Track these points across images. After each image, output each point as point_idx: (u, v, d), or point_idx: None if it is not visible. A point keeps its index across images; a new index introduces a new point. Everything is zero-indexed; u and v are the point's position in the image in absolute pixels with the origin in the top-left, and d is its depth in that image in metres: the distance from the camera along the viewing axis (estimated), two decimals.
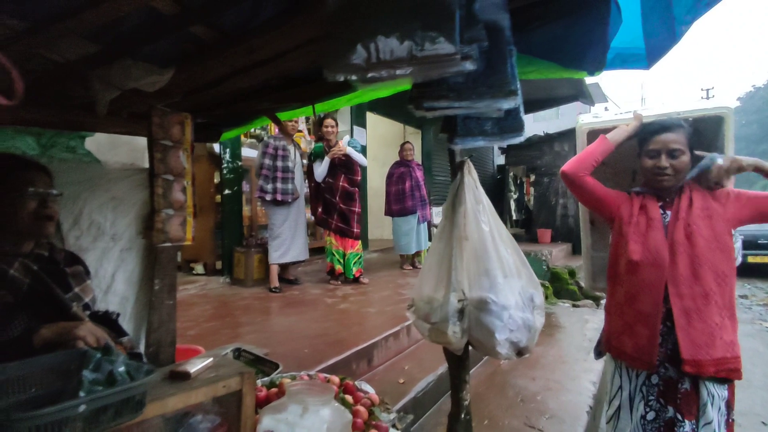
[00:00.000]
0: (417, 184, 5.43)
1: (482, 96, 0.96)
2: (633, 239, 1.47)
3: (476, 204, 1.28)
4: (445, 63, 0.75)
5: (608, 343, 1.57)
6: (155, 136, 1.41)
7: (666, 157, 1.47)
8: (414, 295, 1.39)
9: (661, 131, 1.49)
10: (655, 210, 1.49)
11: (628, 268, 1.46)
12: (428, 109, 1.01)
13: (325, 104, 1.91)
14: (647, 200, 1.52)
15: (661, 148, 1.47)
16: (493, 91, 0.95)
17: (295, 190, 4.20)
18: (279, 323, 3.24)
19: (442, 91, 0.96)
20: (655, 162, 1.48)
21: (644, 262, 1.43)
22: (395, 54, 0.74)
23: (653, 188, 1.53)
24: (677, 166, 1.47)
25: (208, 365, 1.09)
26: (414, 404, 2.40)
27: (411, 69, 0.76)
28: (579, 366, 3.33)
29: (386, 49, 0.75)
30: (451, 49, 0.73)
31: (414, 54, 0.73)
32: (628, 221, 1.51)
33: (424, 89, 0.98)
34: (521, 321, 1.20)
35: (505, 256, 1.27)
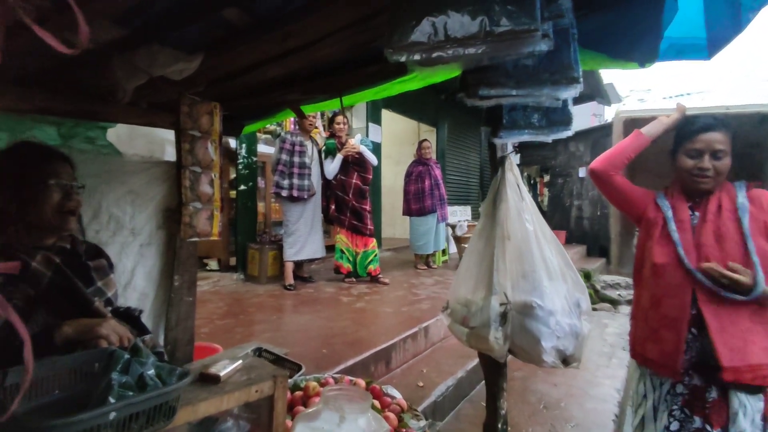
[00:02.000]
0: (436, 183, 5.36)
1: (543, 83, 0.88)
2: (658, 241, 1.40)
3: (519, 201, 1.21)
4: (524, 41, 0.67)
5: (633, 350, 1.51)
6: (183, 126, 1.35)
7: (709, 158, 1.36)
8: (450, 297, 1.32)
9: (706, 130, 1.38)
10: (684, 211, 1.41)
11: (653, 271, 1.39)
12: (483, 98, 0.94)
13: (352, 97, 1.84)
14: (676, 200, 1.44)
15: (705, 148, 1.37)
16: (555, 77, 0.87)
17: (311, 186, 4.15)
18: (294, 322, 3.19)
19: (499, 78, 0.89)
20: (697, 163, 1.38)
21: (670, 264, 1.36)
22: (466, 30, 0.67)
23: (687, 189, 1.44)
24: (720, 168, 1.37)
25: (238, 367, 1.03)
26: (433, 409, 2.33)
27: (484, 47, 0.69)
28: (601, 372, 3.23)
29: (455, 25, 0.67)
30: (531, 24, 0.66)
31: (489, 30, 0.66)
32: (654, 222, 1.43)
33: (479, 75, 0.90)
34: (568, 327, 1.12)
35: (549, 257, 1.19)
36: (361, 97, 1.87)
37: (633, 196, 1.51)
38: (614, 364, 3.39)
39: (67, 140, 1.66)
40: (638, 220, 1.52)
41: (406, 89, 1.93)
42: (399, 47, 0.73)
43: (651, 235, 1.42)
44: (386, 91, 1.88)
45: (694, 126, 1.41)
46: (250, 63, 1.41)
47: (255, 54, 1.36)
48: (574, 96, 0.96)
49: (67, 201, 1.22)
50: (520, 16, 0.65)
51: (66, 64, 1.38)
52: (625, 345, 3.84)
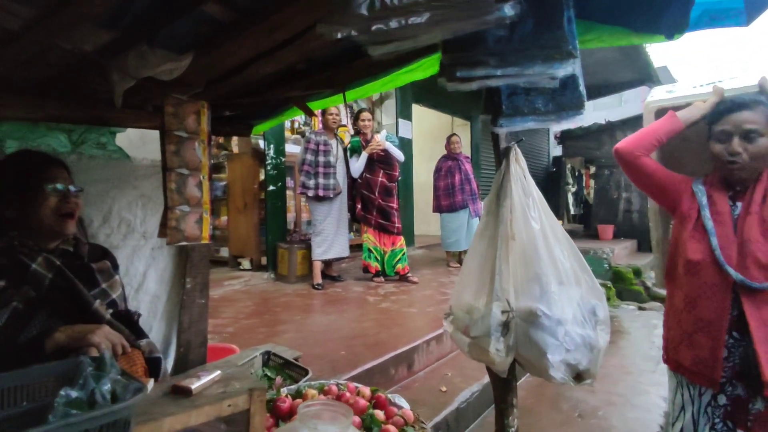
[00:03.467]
0: (467, 178, 5.20)
1: (533, 60, 0.76)
2: (692, 235, 1.28)
3: (525, 197, 1.08)
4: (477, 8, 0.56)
5: (666, 354, 1.40)
6: (168, 127, 1.32)
7: (740, 141, 1.23)
8: (452, 303, 1.21)
9: (734, 109, 1.25)
10: (723, 202, 1.28)
11: (687, 269, 1.27)
12: (463, 80, 0.83)
13: (357, 91, 1.76)
14: (714, 190, 1.31)
15: (734, 129, 1.24)
16: (547, 52, 0.75)
17: (337, 185, 4.11)
18: (317, 322, 3.16)
19: (479, 56, 0.77)
20: (726, 146, 1.25)
21: (706, 261, 1.24)
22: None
23: (725, 178, 1.31)
24: (753, 151, 1.22)
25: (215, 379, 0.98)
26: (456, 416, 2.22)
27: (428, 15, 0.58)
28: (646, 378, 2.98)
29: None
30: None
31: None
32: (688, 213, 1.31)
33: (457, 54, 0.79)
34: (580, 339, 0.99)
35: (560, 258, 1.05)
36: (366, 90, 1.79)
37: (665, 181, 1.36)
38: (661, 370, 3.09)
39: (78, 146, 1.69)
40: (673, 211, 1.38)
41: (412, 79, 1.83)
42: (333, 22, 0.64)
43: (685, 228, 1.30)
44: (393, 82, 1.79)
45: (721, 107, 1.29)
46: (242, 59, 1.37)
47: (246, 49, 1.31)
48: (571, 72, 0.82)
49: (65, 204, 1.24)
50: None
51: (72, 72, 1.39)
52: None
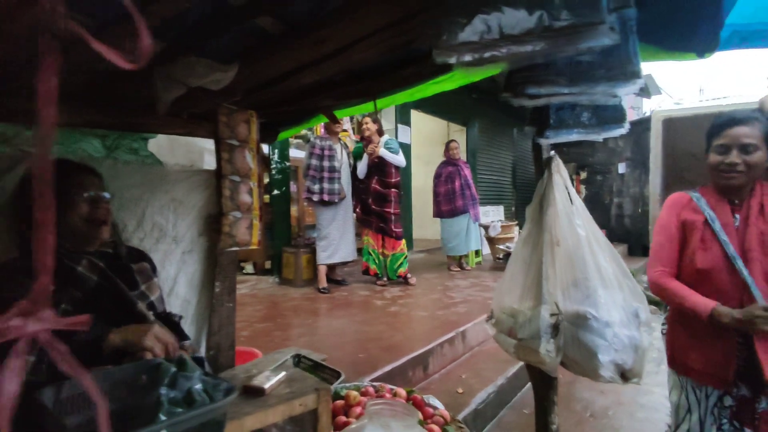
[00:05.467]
0: (467, 183, 5.29)
1: (598, 80, 0.82)
2: (700, 246, 1.34)
3: (568, 205, 1.14)
4: (585, 35, 0.62)
5: (672, 359, 1.46)
6: (222, 135, 1.36)
7: (738, 153, 1.31)
8: (494, 306, 1.26)
9: (731, 124, 1.33)
10: (726, 214, 1.35)
11: (697, 277, 1.34)
12: (531, 97, 0.88)
13: (386, 100, 1.81)
14: (716, 202, 1.38)
15: (732, 142, 1.32)
16: (612, 73, 0.81)
17: (341, 189, 4.15)
18: (330, 325, 3.19)
19: (550, 75, 0.83)
20: (724, 158, 1.33)
21: (715, 269, 1.31)
22: (522, 26, 0.62)
23: (721, 188, 1.38)
24: (751, 162, 1.31)
25: (281, 379, 1.02)
26: (474, 417, 2.27)
27: (542, 44, 0.64)
28: (650, 379, 3.06)
29: (510, 22, 0.63)
30: (596, 17, 0.60)
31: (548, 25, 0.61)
32: (692, 225, 1.38)
33: (527, 73, 0.85)
34: (627, 340, 1.05)
35: (603, 264, 1.12)
36: (395, 100, 1.84)
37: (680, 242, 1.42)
38: (664, 371, 3.19)
39: (112, 152, 1.71)
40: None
41: (441, 90, 1.88)
42: (447, 48, 0.69)
43: (692, 239, 1.37)
44: (421, 92, 1.84)
45: (718, 122, 1.36)
46: (285, 70, 1.41)
47: (289, 61, 1.36)
48: (635, 92, 0.89)
49: (95, 211, 1.25)
50: (582, 9, 0.60)
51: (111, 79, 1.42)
52: None
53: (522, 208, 9.30)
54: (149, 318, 1.27)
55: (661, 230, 1.45)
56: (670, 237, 1.41)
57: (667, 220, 1.44)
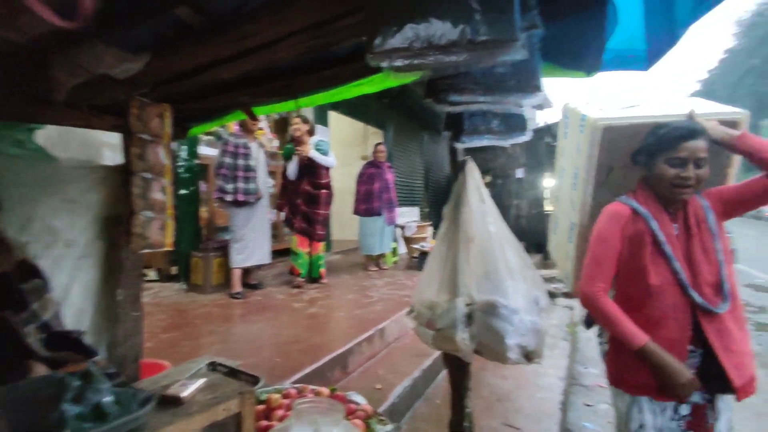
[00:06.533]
0: (386, 187, 5.41)
1: (509, 91, 0.92)
2: (652, 260, 1.31)
3: (481, 204, 1.25)
4: (503, 50, 0.69)
5: (619, 378, 1.39)
6: (133, 129, 1.25)
7: (693, 167, 1.30)
8: (414, 300, 1.33)
9: (689, 137, 1.30)
10: (668, 225, 1.34)
11: (649, 294, 1.31)
12: (452, 103, 0.96)
13: (307, 99, 1.80)
14: (657, 212, 1.36)
15: (689, 156, 1.29)
16: (521, 85, 0.91)
17: (258, 189, 4.01)
18: (245, 331, 3.07)
19: (469, 84, 0.91)
20: (680, 172, 1.30)
21: (666, 283, 1.29)
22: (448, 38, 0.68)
23: (663, 198, 1.37)
24: (701, 176, 1.31)
25: (200, 386, 0.97)
26: (392, 410, 2.34)
27: (465, 55, 0.70)
28: (546, 362, 3.37)
29: (437, 33, 0.68)
30: (511, 34, 0.68)
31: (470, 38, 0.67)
32: (640, 238, 1.34)
33: (450, 81, 0.92)
34: (530, 324, 1.18)
35: (510, 258, 1.24)
36: (317, 100, 1.84)
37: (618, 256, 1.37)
38: (556, 354, 3.60)
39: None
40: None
41: (362, 92, 1.93)
42: (380, 52, 0.73)
43: (641, 254, 1.33)
44: (342, 94, 1.86)
45: (676, 133, 1.32)
46: (201, 64, 1.34)
47: (207, 55, 1.30)
48: (537, 103, 1.01)
49: None
50: (500, 26, 0.68)
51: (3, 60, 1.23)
52: (565, 335, 4.08)
53: (434, 209, 9.76)
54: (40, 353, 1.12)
55: (600, 243, 1.37)
56: (610, 251, 1.35)
57: (609, 233, 1.36)
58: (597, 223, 1.42)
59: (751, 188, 1.36)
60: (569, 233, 1.73)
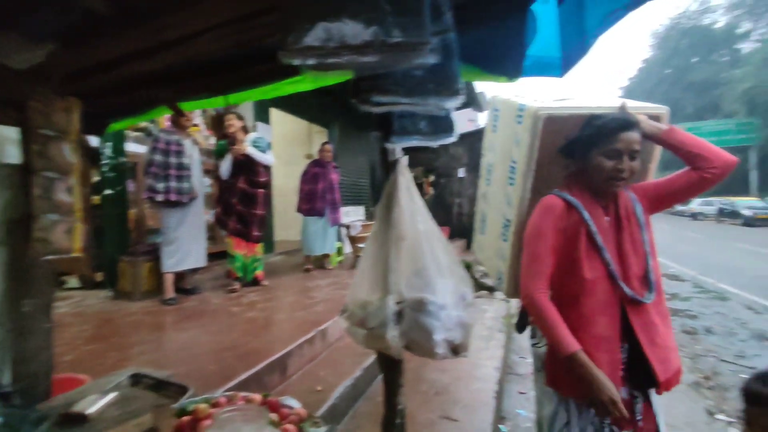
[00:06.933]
0: (330, 187, 5.35)
1: (429, 93, 0.94)
2: (587, 254, 1.30)
3: (411, 203, 1.27)
4: (414, 53, 0.70)
5: (554, 380, 1.37)
6: (33, 124, 1.14)
7: (627, 159, 1.29)
8: (348, 301, 1.33)
9: (626, 128, 1.29)
10: (601, 217, 1.34)
11: (582, 289, 1.29)
12: (375, 104, 0.96)
13: (239, 95, 1.75)
14: (590, 205, 1.35)
15: (625, 148, 1.28)
16: (440, 88, 0.94)
17: (192, 189, 3.82)
18: (177, 339, 2.92)
19: (391, 86, 0.92)
20: (616, 164, 1.29)
21: (599, 277, 1.29)
22: (360, 38, 0.68)
23: (597, 191, 1.36)
24: (635, 169, 1.32)
25: (110, 401, 0.90)
26: (332, 411, 2.33)
27: (378, 56, 0.70)
28: (482, 354, 3.55)
29: (350, 33, 0.68)
30: (422, 37, 0.69)
31: (383, 39, 0.68)
32: (576, 231, 1.32)
33: (373, 82, 0.92)
34: (457, 319, 1.21)
35: (439, 255, 1.27)
36: (248, 96, 1.79)
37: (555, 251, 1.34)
38: (493, 346, 3.75)
39: None
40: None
41: (297, 90, 1.89)
42: (293, 50, 0.72)
43: (575, 247, 1.31)
44: (276, 91, 1.82)
45: (612, 125, 1.30)
46: (117, 56, 1.26)
47: (123, 46, 1.22)
48: (456, 106, 1.04)
49: None
50: (411, 29, 0.69)
51: None
52: (501, 327, 4.27)
53: None
54: None
55: (536, 239, 1.34)
56: (547, 247, 1.32)
57: (543, 228, 1.33)
58: (531, 218, 1.39)
59: (677, 182, 1.39)
60: (503, 231, 1.66)
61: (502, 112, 1.69)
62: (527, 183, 1.51)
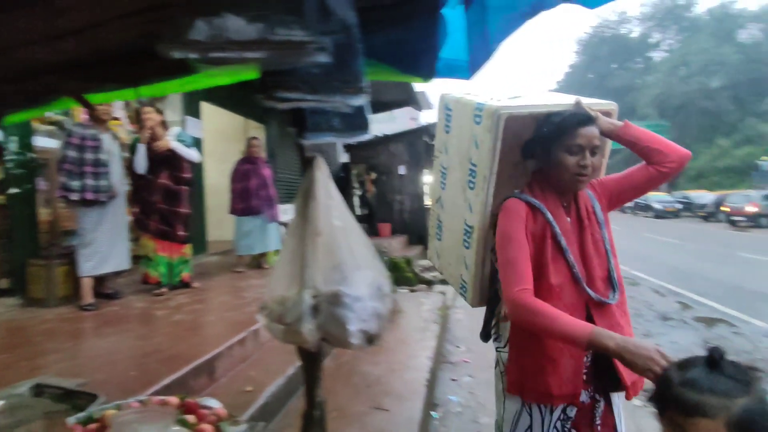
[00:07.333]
0: (263, 183, 5.17)
1: (334, 91, 0.96)
2: (553, 258, 1.26)
3: (328, 199, 1.29)
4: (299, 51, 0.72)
5: (520, 385, 1.31)
6: None
7: (589, 155, 1.26)
8: (266, 297, 1.33)
9: (585, 123, 1.26)
10: (563, 219, 1.31)
11: (549, 294, 1.23)
12: (280, 100, 0.97)
13: (153, 88, 1.67)
14: (552, 205, 1.31)
15: (586, 143, 1.25)
16: (345, 86, 0.96)
17: (111, 187, 3.58)
18: (96, 346, 2.74)
19: (297, 83, 0.93)
20: (579, 160, 1.25)
21: (565, 282, 1.26)
22: (244, 35, 0.69)
23: (560, 189, 1.33)
24: (597, 165, 1.30)
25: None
26: (263, 410, 2.31)
27: (262, 53, 0.71)
28: (418, 345, 3.66)
29: (234, 29, 0.68)
30: (304, 37, 0.71)
31: (266, 37, 0.69)
32: (542, 235, 1.28)
33: (278, 78, 0.93)
34: (372, 310, 1.25)
35: (356, 249, 1.30)
36: (163, 89, 1.72)
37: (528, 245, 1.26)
38: (428, 337, 3.88)
39: None
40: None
41: (216, 84, 1.85)
42: (176, 43, 0.71)
43: (542, 251, 1.26)
44: (193, 84, 1.77)
45: (574, 120, 1.26)
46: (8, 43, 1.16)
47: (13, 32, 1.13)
48: (362, 104, 1.08)
49: None
50: (295, 28, 0.71)
51: None
52: (436, 318, 4.42)
53: None
54: None
55: (509, 243, 1.26)
56: (522, 250, 1.24)
57: (516, 232, 1.26)
58: (499, 224, 1.31)
59: (635, 178, 1.38)
60: (465, 238, 1.54)
61: (455, 112, 1.59)
62: (490, 187, 1.42)
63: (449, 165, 1.65)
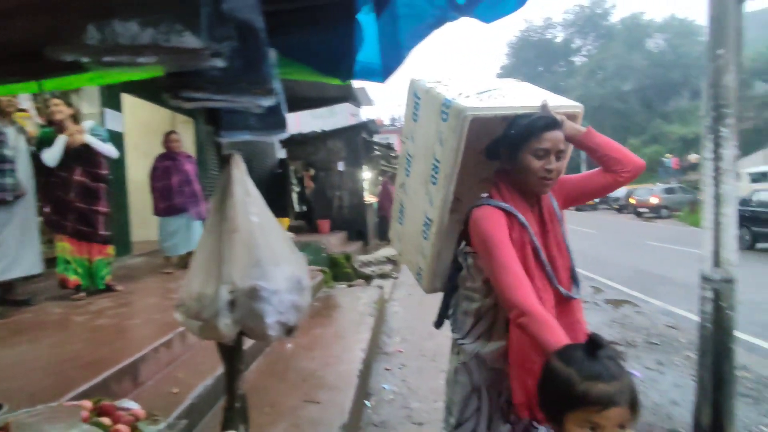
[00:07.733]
0: (186, 179, 4.87)
1: (242, 92, 1.00)
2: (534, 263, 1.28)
3: (245, 196, 1.32)
4: (193, 57, 0.75)
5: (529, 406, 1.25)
6: None
7: (554, 159, 1.27)
8: (183, 294, 1.33)
9: (552, 127, 1.26)
10: (533, 223, 1.32)
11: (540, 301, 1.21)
12: (187, 100, 0.99)
13: (59, 81, 1.60)
14: (523, 209, 1.31)
15: (552, 147, 1.26)
16: (253, 87, 1.00)
17: (17, 185, 3.30)
18: (5, 356, 2.53)
19: (203, 83, 0.95)
20: (544, 163, 1.25)
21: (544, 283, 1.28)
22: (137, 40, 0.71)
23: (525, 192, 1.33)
24: (561, 169, 1.30)
25: None
26: (190, 411, 2.27)
27: (157, 58, 0.74)
28: (353, 338, 3.74)
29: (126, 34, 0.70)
30: (197, 43, 0.74)
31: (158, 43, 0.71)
32: (521, 243, 1.28)
33: (183, 79, 0.95)
34: (290, 302, 1.31)
35: (274, 244, 1.35)
36: (69, 82, 1.65)
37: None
38: (363, 330, 3.98)
39: None
40: None
41: (130, 78, 1.80)
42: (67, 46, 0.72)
43: (523, 257, 1.26)
44: (105, 78, 1.72)
45: (539, 123, 1.27)
46: None
47: None
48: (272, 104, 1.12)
49: None
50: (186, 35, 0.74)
51: None
52: (372, 311, 4.53)
53: None
54: None
55: (498, 248, 1.23)
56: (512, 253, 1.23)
57: (503, 237, 1.24)
58: (482, 230, 1.27)
59: (592, 182, 1.43)
60: (424, 230, 1.56)
61: (423, 102, 1.56)
62: (450, 186, 1.42)
63: (415, 154, 1.65)
